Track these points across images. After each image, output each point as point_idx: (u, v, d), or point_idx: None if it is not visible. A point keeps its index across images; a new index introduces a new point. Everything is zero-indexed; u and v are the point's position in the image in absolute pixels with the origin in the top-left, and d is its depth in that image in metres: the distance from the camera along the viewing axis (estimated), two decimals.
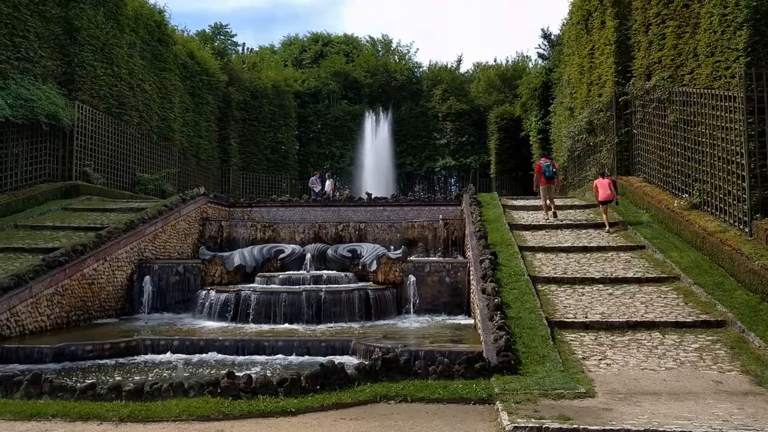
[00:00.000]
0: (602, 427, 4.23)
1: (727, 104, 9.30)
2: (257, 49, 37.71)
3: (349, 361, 6.87)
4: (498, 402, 4.89)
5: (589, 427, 4.23)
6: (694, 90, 10.62)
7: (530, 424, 4.31)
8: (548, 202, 12.19)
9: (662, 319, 6.96)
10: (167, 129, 19.34)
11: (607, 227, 11.10)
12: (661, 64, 12.46)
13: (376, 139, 28.15)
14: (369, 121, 29.02)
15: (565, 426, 4.27)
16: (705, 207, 9.95)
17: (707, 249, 8.87)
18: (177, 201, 13.09)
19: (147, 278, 10.41)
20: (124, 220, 11.36)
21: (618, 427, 4.23)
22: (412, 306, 9.73)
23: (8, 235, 10.93)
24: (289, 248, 12.01)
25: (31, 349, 7.30)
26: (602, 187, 11.69)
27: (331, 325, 9.10)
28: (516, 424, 4.33)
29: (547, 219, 12.01)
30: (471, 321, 9.26)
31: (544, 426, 4.28)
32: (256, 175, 25.66)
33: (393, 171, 28.18)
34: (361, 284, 10.45)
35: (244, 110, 25.42)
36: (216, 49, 27.09)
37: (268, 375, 5.53)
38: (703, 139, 10.20)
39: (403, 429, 4.43)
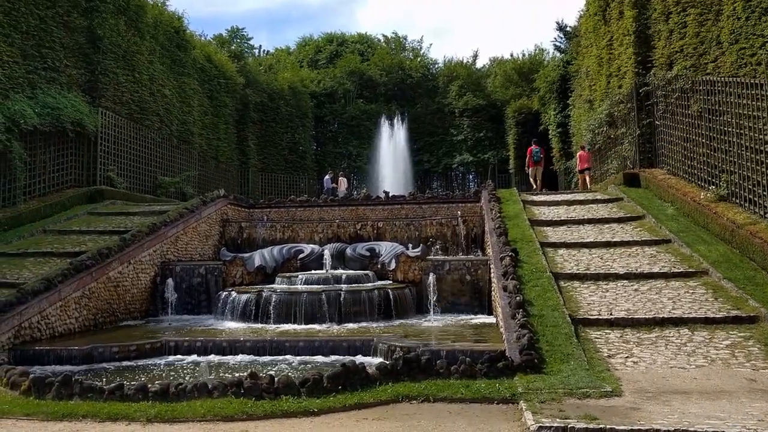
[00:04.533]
0: (630, 427, 4.12)
1: (753, 92, 8.98)
2: (273, 51, 38.07)
3: (371, 360, 6.87)
4: (522, 401, 4.82)
5: (617, 427, 4.12)
6: (719, 78, 10.29)
7: (555, 424, 4.23)
8: (536, 180, 15.87)
9: (691, 315, 6.75)
10: (187, 132, 19.67)
11: (588, 188, 14.51)
12: (682, 53, 12.11)
13: (392, 137, 28.07)
14: (385, 119, 28.97)
15: (591, 426, 4.17)
16: (733, 198, 9.63)
17: (737, 242, 8.58)
18: (197, 203, 13.29)
19: (170, 280, 10.60)
20: (147, 223, 11.58)
21: (647, 427, 4.11)
22: (432, 304, 9.68)
23: (37, 240, 11.26)
24: (308, 248, 12.09)
25: (61, 350, 7.50)
26: (582, 159, 15.99)
27: (352, 324, 9.12)
28: (541, 424, 4.26)
29: (535, 192, 15.06)
30: (492, 319, 9.17)
31: (569, 426, 4.19)
32: (275, 175, 25.89)
33: (410, 168, 28.05)
34: (380, 283, 10.44)
35: (262, 112, 25.66)
36: (233, 52, 27.41)
37: (291, 375, 5.56)
38: (730, 129, 9.87)
39: (426, 429, 4.40)
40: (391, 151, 27.54)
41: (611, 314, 6.97)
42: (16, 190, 12.61)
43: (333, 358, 7.21)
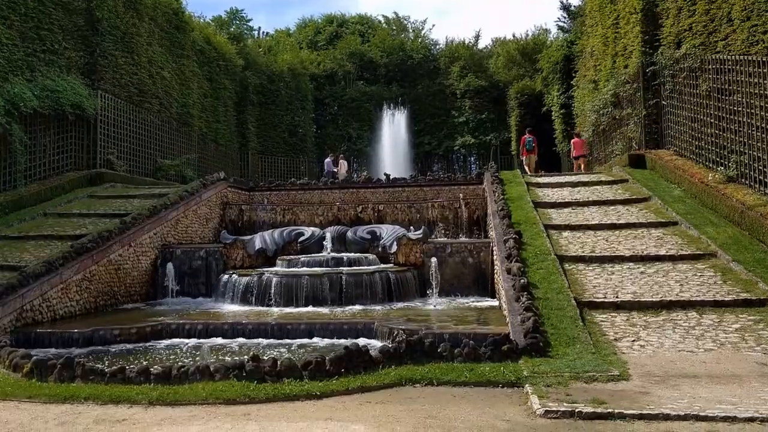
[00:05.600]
0: (639, 412, 4.05)
1: (765, 70, 8.74)
2: (272, 33, 37.46)
3: (373, 343, 6.82)
4: (527, 385, 4.75)
5: (625, 411, 4.05)
6: (729, 57, 10.01)
7: (562, 408, 4.17)
8: (530, 168, 16.79)
9: (699, 298, 6.63)
10: (186, 115, 19.43)
11: (582, 170, 15.81)
12: (691, 32, 11.79)
13: (393, 120, 27.74)
14: (385, 101, 28.56)
15: (599, 410, 4.11)
16: (742, 180, 9.44)
17: (746, 224, 8.42)
18: (198, 186, 13.16)
19: (170, 263, 10.54)
20: (147, 206, 11.48)
21: (656, 412, 4.04)
22: (434, 288, 9.61)
23: (38, 223, 11.21)
24: (308, 231, 12.00)
25: (62, 333, 7.49)
26: (577, 145, 17.09)
27: (353, 307, 9.07)
28: (547, 408, 4.19)
29: (539, 174, 15.78)
30: (495, 302, 9.11)
31: (577, 410, 4.12)
32: (275, 158, 25.67)
33: (410, 151, 27.78)
34: (382, 266, 10.37)
35: (261, 94, 25.32)
36: (232, 34, 26.96)
37: (293, 358, 5.50)
38: (740, 108, 9.64)
39: (430, 413, 4.34)
40: (392, 133, 27.23)
41: (617, 297, 6.88)
42: (17, 174, 12.53)
43: (334, 341, 7.16)
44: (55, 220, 11.33)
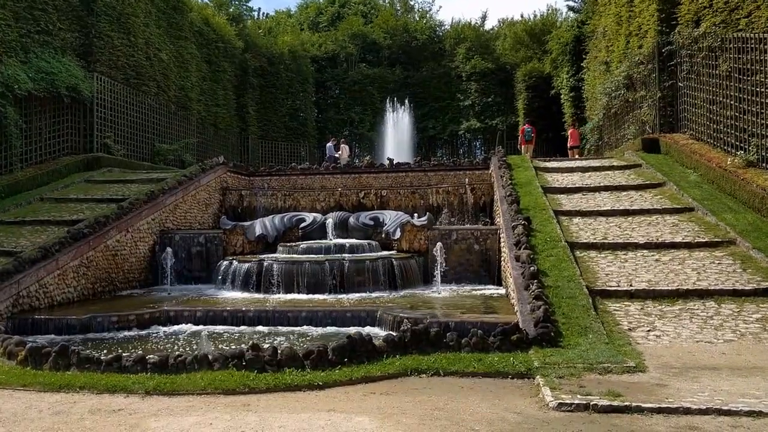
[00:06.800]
0: (658, 405, 3.82)
1: None
2: (273, 14, 36.79)
3: (376, 332, 6.63)
4: (538, 376, 4.54)
5: (643, 405, 3.83)
6: (752, 35, 9.57)
7: (576, 401, 3.95)
8: (527, 155, 16.44)
9: (717, 287, 6.37)
10: (185, 98, 19.08)
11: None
12: (711, 9, 11.30)
13: (395, 103, 27.26)
14: (388, 84, 28.03)
15: (615, 403, 3.89)
16: (763, 164, 9.07)
17: (767, 210, 8.11)
18: (196, 171, 12.91)
19: (169, 249, 10.35)
20: (145, 191, 11.26)
21: (676, 405, 3.81)
22: (438, 275, 9.39)
23: (34, 208, 11.03)
24: (310, 217, 11.76)
25: (59, 320, 7.37)
26: (573, 136, 17.74)
27: (355, 294, 8.88)
28: (560, 401, 3.97)
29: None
30: (502, 290, 8.88)
31: (592, 403, 3.90)
32: (275, 143, 25.32)
33: (414, 135, 27.34)
34: (385, 253, 10.16)
35: (261, 77, 24.87)
36: (231, 14, 26.37)
37: (294, 347, 5.30)
38: (763, 89, 9.23)
39: (436, 404, 4.13)
40: (395, 117, 26.78)
41: (631, 285, 6.63)
42: (13, 158, 12.32)
43: (336, 329, 7.00)
44: (51, 205, 11.15)
